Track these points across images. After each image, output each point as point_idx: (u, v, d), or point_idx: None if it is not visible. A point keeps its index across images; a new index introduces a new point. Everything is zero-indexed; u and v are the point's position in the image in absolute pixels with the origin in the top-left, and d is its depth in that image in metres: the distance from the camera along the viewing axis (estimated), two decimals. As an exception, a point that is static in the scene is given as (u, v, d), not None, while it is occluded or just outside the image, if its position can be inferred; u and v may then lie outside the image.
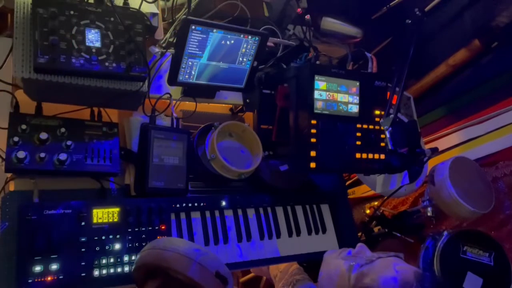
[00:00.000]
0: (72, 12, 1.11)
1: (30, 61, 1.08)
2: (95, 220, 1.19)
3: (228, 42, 1.33)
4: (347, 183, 2.41)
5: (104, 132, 1.27)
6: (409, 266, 1.03)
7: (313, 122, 1.36)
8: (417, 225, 1.85)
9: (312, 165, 1.36)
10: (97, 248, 1.17)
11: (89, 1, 1.16)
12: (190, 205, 1.37)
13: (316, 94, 1.38)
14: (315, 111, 1.37)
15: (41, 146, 1.17)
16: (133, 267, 1.03)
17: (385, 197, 1.85)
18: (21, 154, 1.12)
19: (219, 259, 1.01)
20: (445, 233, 1.50)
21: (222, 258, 1.35)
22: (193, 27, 1.25)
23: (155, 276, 0.97)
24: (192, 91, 1.43)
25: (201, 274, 0.94)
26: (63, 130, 1.21)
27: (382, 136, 1.48)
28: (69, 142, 1.20)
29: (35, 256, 1.09)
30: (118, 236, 1.20)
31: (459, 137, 2.11)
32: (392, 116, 1.44)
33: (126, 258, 1.20)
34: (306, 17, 1.57)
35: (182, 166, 1.35)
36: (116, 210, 1.22)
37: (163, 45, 1.38)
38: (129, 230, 1.23)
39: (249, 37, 1.35)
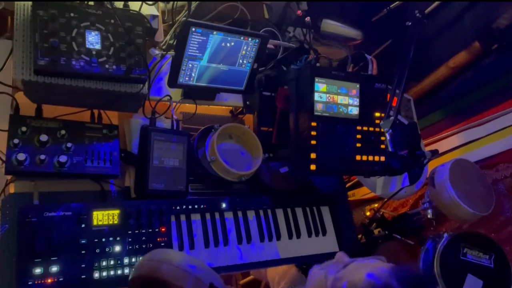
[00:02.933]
0: (72, 14, 1.11)
1: (30, 63, 1.08)
2: (95, 222, 1.19)
3: (228, 44, 1.33)
4: (347, 185, 2.41)
5: (104, 134, 1.27)
6: (382, 267, 1.02)
7: (313, 124, 1.37)
8: (417, 227, 1.84)
9: (312, 167, 1.36)
10: (97, 250, 1.17)
11: (89, 3, 1.17)
12: (190, 207, 1.37)
13: (316, 96, 1.38)
14: (315, 113, 1.38)
15: (41, 148, 1.17)
16: (129, 278, 1.03)
17: (385, 199, 1.86)
18: (21, 156, 1.12)
19: (213, 272, 1.03)
20: (445, 235, 1.49)
21: (222, 260, 1.36)
22: (193, 29, 1.25)
23: None
24: (192, 93, 1.43)
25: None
26: (63, 132, 1.21)
27: (382, 138, 1.49)
28: (69, 144, 1.20)
29: (35, 258, 1.09)
30: (118, 238, 1.20)
31: (459, 139, 2.11)
32: (392, 118, 1.44)
33: (126, 260, 1.20)
34: (306, 19, 1.57)
35: (182, 168, 1.35)
36: (116, 212, 1.22)
37: (163, 47, 1.38)
38: (129, 232, 1.23)
39: (249, 39, 1.35)
